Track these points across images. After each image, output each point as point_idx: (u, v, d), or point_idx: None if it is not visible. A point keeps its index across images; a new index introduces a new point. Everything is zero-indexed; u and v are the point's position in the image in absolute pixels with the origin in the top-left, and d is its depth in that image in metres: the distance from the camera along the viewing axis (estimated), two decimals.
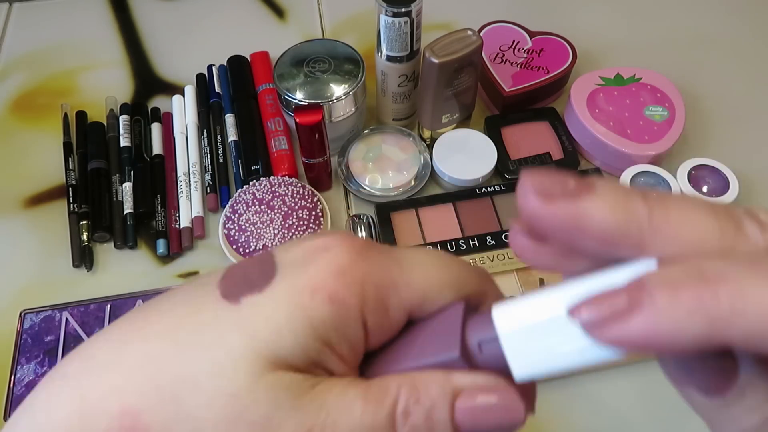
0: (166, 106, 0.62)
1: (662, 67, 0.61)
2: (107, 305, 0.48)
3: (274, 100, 0.60)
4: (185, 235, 0.53)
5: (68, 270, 0.52)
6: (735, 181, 0.54)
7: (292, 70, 0.55)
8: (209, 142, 0.59)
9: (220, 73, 0.64)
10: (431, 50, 0.50)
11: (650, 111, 0.57)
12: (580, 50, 0.61)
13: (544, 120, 0.59)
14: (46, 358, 0.46)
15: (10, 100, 0.64)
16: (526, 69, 0.60)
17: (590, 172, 0.56)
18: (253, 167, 0.56)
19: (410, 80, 0.55)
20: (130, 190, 0.56)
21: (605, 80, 0.59)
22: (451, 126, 0.58)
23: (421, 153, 0.56)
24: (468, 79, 0.53)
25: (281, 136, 0.58)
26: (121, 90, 0.65)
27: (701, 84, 0.64)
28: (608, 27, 0.70)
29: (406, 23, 0.49)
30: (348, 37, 0.67)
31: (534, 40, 0.62)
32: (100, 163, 0.57)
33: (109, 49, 0.69)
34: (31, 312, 0.48)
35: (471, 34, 0.51)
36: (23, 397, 0.44)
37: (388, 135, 0.57)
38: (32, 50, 0.69)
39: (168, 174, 0.57)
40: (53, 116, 0.62)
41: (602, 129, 0.56)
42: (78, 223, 0.54)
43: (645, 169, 0.54)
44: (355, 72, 0.55)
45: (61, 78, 0.66)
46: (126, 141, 0.59)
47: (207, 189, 0.56)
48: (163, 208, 0.55)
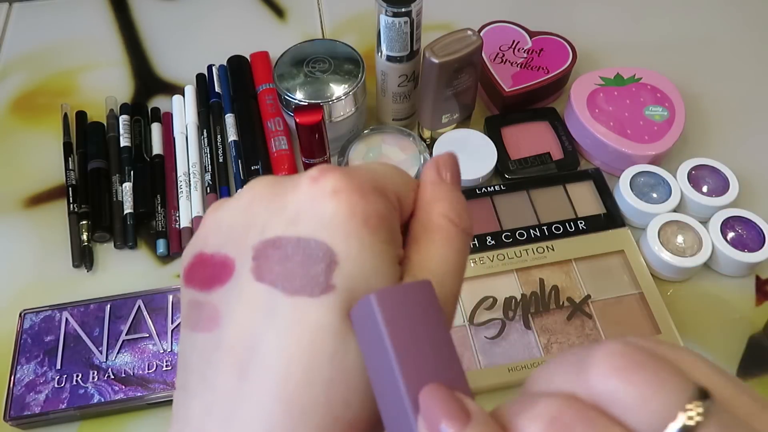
0: (166, 106, 0.62)
1: (662, 67, 0.61)
2: (107, 305, 0.48)
3: (274, 100, 0.60)
4: (185, 235, 0.53)
5: (68, 270, 0.52)
6: (735, 181, 0.54)
7: (292, 70, 0.55)
8: (209, 142, 0.59)
9: (220, 73, 0.64)
10: (431, 50, 0.50)
11: (650, 111, 0.57)
12: (580, 50, 0.61)
13: (544, 120, 0.59)
14: (46, 358, 0.46)
15: (10, 100, 0.64)
16: (526, 69, 0.60)
17: (590, 172, 0.56)
18: (253, 167, 0.56)
19: (410, 80, 0.55)
20: (130, 190, 0.56)
21: (605, 80, 0.59)
22: (451, 126, 0.58)
23: (421, 153, 0.56)
24: (468, 79, 0.53)
25: (281, 136, 0.58)
26: (121, 90, 0.65)
27: (701, 84, 0.64)
28: (608, 27, 0.70)
29: (406, 23, 0.49)
30: (348, 37, 0.67)
31: (534, 40, 0.62)
32: (100, 163, 0.57)
33: (109, 49, 0.69)
34: (31, 312, 0.48)
35: (471, 34, 0.51)
36: (23, 397, 0.44)
37: (388, 135, 0.57)
38: (32, 50, 0.69)
39: (168, 174, 0.57)
40: (53, 116, 0.62)
41: (602, 129, 0.56)
42: (78, 223, 0.54)
43: (645, 169, 0.54)
44: (355, 72, 0.55)
45: (61, 78, 0.66)
46: (126, 141, 0.59)
47: (207, 189, 0.56)
48: (163, 208, 0.55)
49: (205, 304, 0.20)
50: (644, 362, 0.15)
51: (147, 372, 0.45)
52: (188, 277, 0.21)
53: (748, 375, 0.47)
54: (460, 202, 0.22)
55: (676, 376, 0.15)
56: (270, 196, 0.20)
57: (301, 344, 0.18)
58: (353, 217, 0.19)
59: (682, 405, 0.15)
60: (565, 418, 0.15)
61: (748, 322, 0.49)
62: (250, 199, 0.21)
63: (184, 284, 0.21)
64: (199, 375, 0.19)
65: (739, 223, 0.51)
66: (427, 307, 0.17)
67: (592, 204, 0.54)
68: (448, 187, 0.22)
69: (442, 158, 0.23)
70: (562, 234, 0.52)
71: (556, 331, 0.47)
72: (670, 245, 0.50)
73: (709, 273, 0.52)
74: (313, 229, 0.19)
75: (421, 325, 0.17)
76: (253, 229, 0.20)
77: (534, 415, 0.15)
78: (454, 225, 0.21)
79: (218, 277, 0.20)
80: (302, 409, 0.18)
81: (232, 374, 0.19)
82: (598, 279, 0.50)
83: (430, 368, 0.17)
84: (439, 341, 0.17)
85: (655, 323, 0.47)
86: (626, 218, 0.54)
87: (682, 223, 0.51)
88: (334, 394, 0.18)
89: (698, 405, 0.15)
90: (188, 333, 0.21)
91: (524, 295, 0.49)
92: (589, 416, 0.15)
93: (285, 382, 0.18)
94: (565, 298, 0.49)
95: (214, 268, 0.20)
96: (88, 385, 0.45)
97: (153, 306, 0.48)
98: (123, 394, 0.44)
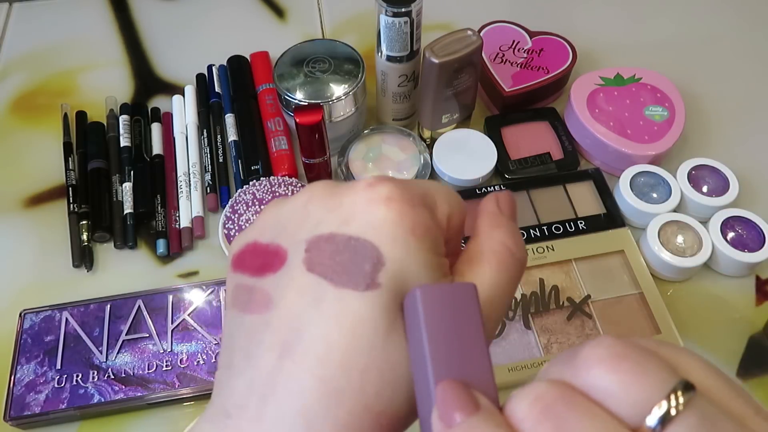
0: (166, 106, 0.62)
1: (662, 67, 0.61)
2: (107, 305, 0.48)
3: (274, 100, 0.60)
4: (185, 235, 0.53)
5: (68, 270, 0.52)
6: (735, 181, 0.54)
7: (292, 70, 0.55)
8: (209, 142, 0.59)
9: (220, 73, 0.64)
10: (431, 50, 0.50)
11: (650, 111, 0.57)
12: (580, 50, 0.61)
13: (544, 120, 0.59)
14: (46, 358, 0.46)
15: (10, 100, 0.64)
16: (526, 69, 0.60)
17: (590, 172, 0.56)
18: (253, 167, 0.56)
19: (410, 80, 0.55)
20: (130, 190, 0.56)
21: (605, 80, 0.59)
22: (451, 126, 0.58)
23: (421, 153, 0.56)
24: (468, 79, 0.53)
25: (281, 136, 0.58)
26: (121, 90, 0.65)
27: (701, 84, 0.64)
28: (608, 27, 0.70)
29: (406, 23, 0.49)
30: (348, 37, 0.67)
31: (534, 40, 0.62)
32: (100, 163, 0.57)
33: (109, 49, 0.69)
34: (31, 312, 0.48)
35: (471, 34, 0.51)
36: (23, 397, 0.44)
37: (388, 135, 0.57)
38: (32, 50, 0.69)
39: (168, 174, 0.57)
40: (53, 116, 0.62)
41: (602, 129, 0.56)
42: (78, 223, 0.54)
43: (645, 169, 0.54)
44: (355, 72, 0.55)
45: (61, 78, 0.66)
46: (126, 141, 0.59)
47: (207, 189, 0.56)
48: (163, 208, 0.55)
49: (257, 289, 0.22)
50: (629, 354, 0.16)
51: (147, 372, 0.45)
52: (238, 262, 0.23)
53: (748, 375, 0.47)
54: (518, 234, 0.24)
55: (661, 368, 0.16)
56: (326, 196, 0.22)
57: (343, 332, 0.20)
58: (402, 224, 0.21)
59: (665, 394, 0.15)
60: (548, 398, 0.16)
61: (748, 322, 0.49)
62: (309, 198, 0.23)
63: (232, 269, 0.23)
64: (244, 354, 0.21)
65: (739, 223, 0.51)
66: (468, 307, 0.19)
67: (592, 204, 0.54)
68: (507, 218, 0.24)
69: (500, 194, 0.25)
70: (562, 234, 0.52)
71: (556, 331, 0.47)
72: (670, 245, 0.50)
73: (709, 273, 0.52)
74: (364, 230, 0.21)
75: (458, 322, 0.18)
76: (307, 224, 0.22)
77: (523, 395, 0.17)
78: (511, 253, 0.23)
79: (270, 265, 0.22)
80: (338, 391, 0.19)
81: (275, 353, 0.20)
82: (598, 279, 0.50)
83: (458, 362, 0.18)
84: (472, 339, 0.18)
85: (655, 323, 0.47)
86: (626, 218, 0.54)
87: (682, 223, 0.51)
88: (367, 383, 0.19)
89: (681, 395, 0.15)
90: (237, 314, 0.22)
91: (524, 295, 0.49)
92: (572, 397, 0.16)
93: (324, 364, 0.19)
94: (565, 298, 0.49)
95: (267, 257, 0.22)
96: (88, 385, 0.45)
97: (153, 306, 0.48)
98: (123, 394, 0.44)
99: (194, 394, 0.45)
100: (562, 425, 0.16)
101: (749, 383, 0.47)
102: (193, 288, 0.49)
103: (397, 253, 0.20)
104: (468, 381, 0.18)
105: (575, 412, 0.16)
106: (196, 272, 0.52)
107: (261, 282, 0.22)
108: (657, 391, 0.16)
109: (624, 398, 0.16)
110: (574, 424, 0.16)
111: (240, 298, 0.22)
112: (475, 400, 0.17)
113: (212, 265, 0.52)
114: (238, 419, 0.20)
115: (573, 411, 0.16)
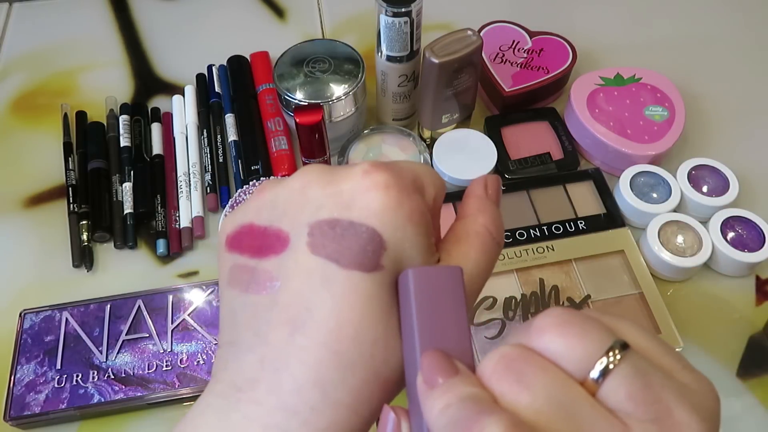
0: (166, 106, 0.62)
1: (662, 67, 0.61)
2: (107, 305, 0.48)
3: (274, 100, 0.60)
4: (185, 235, 0.53)
5: (68, 270, 0.52)
6: (735, 181, 0.54)
7: (292, 70, 0.55)
8: (209, 142, 0.59)
9: (220, 73, 0.64)
10: (431, 50, 0.50)
11: (650, 111, 0.57)
12: (580, 50, 0.61)
13: (544, 120, 0.59)
14: (46, 358, 0.46)
15: (10, 100, 0.64)
16: (526, 69, 0.60)
17: (590, 172, 0.56)
18: (253, 167, 0.56)
19: (410, 80, 0.55)
20: (130, 190, 0.56)
21: (605, 80, 0.59)
22: (451, 126, 0.58)
23: (421, 153, 0.56)
24: (468, 79, 0.53)
25: (281, 136, 0.58)
26: (121, 90, 0.65)
27: (701, 84, 0.64)
28: (608, 27, 0.70)
29: (406, 23, 0.49)
30: (348, 37, 0.67)
31: (534, 40, 0.62)
32: (100, 163, 0.57)
33: (109, 49, 0.69)
34: (31, 312, 0.48)
35: (471, 34, 0.51)
36: (23, 397, 0.44)
37: (388, 135, 0.57)
38: (32, 50, 0.69)
39: (168, 174, 0.57)
40: (53, 116, 0.62)
41: (602, 129, 0.56)
42: (78, 223, 0.54)
43: (645, 169, 0.54)
44: (355, 72, 0.55)
45: (61, 78, 0.66)
46: (126, 141, 0.59)
47: (207, 189, 0.56)
48: (163, 208, 0.55)
49: (259, 270, 0.23)
50: (574, 320, 0.19)
51: (147, 372, 0.45)
52: (234, 243, 0.24)
53: (748, 375, 0.47)
54: (499, 218, 0.27)
55: (601, 330, 0.19)
56: (324, 182, 0.23)
57: (354, 309, 0.21)
58: (400, 211, 0.22)
59: (604, 352, 0.19)
60: (509, 357, 0.19)
61: (748, 322, 0.49)
62: (305, 182, 0.24)
63: (227, 249, 0.24)
64: (252, 331, 0.22)
65: (739, 223, 0.51)
66: (454, 288, 0.21)
67: (592, 204, 0.54)
68: (491, 203, 0.27)
69: (489, 178, 0.28)
70: (562, 234, 0.52)
71: None
72: (670, 245, 0.50)
73: (709, 273, 0.52)
74: (366, 216, 0.22)
75: (444, 300, 0.21)
76: (307, 209, 0.23)
77: (489, 357, 0.20)
78: (492, 237, 0.26)
79: (272, 247, 0.23)
80: (351, 362, 0.21)
81: (285, 329, 0.22)
82: (598, 279, 0.50)
83: (442, 334, 0.21)
84: (455, 315, 0.21)
85: (655, 323, 0.47)
86: (626, 218, 0.54)
87: (682, 223, 0.51)
88: (377, 353, 0.22)
89: (617, 352, 0.19)
90: (238, 294, 0.23)
91: (524, 295, 0.49)
92: (529, 355, 0.19)
93: (338, 338, 0.21)
94: (565, 298, 0.49)
95: (267, 239, 0.23)
96: (88, 385, 0.45)
97: (153, 306, 0.48)
98: (123, 394, 0.44)
99: (194, 394, 0.45)
100: (522, 377, 0.19)
101: (749, 383, 0.47)
102: (193, 288, 0.49)
103: (398, 238, 0.22)
104: (449, 350, 0.20)
105: (532, 366, 0.19)
106: (196, 272, 0.52)
107: (263, 263, 0.23)
108: (597, 349, 0.19)
109: (571, 356, 0.19)
110: (531, 376, 0.19)
111: (240, 279, 0.23)
112: (455, 366, 0.20)
113: (212, 265, 0.52)
114: (251, 392, 0.21)
115: (530, 366, 0.19)
